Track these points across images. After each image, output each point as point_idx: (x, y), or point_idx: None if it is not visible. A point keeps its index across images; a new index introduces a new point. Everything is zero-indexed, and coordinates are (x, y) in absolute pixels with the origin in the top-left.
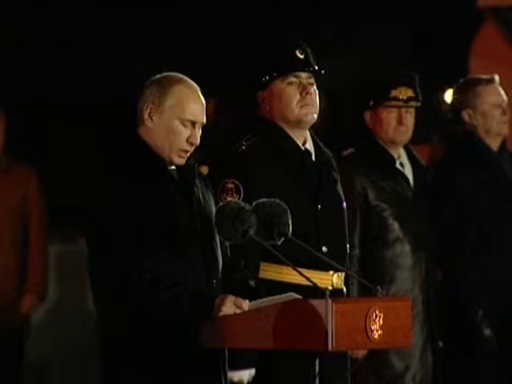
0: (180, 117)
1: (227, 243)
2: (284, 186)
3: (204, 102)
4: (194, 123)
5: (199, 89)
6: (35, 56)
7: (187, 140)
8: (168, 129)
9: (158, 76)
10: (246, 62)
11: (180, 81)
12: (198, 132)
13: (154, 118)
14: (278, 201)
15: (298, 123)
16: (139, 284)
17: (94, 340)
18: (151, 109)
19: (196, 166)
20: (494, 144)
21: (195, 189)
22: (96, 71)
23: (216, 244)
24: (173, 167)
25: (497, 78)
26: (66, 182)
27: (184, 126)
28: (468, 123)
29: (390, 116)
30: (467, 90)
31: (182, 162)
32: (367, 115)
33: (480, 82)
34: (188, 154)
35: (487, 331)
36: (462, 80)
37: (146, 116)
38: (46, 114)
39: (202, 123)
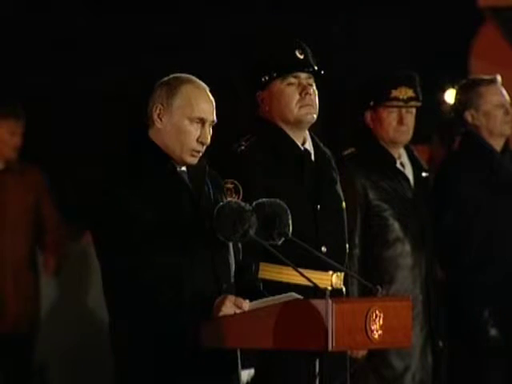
0: (189, 116)
1: (240, 245)
2: (283, 185)
3: (213, 101)
4: (203, 122)
5: (207, 88)
6: (35, 56)
7: (197, 140)
8: (178, 129)
9: (166, 77)
10: (245, 62)
11: (188, 80)
12: (209, 131)
13: (163, 119)
14: (277, 201)
15: (298, 123)
16: (141, 285)
17: (94, 339)
18: (160, 110)
19: (206, 166)
20: (497, 144)
21: (205, 189)
22: (96, 72)
23: (228, 245)
24: (183, 168)
25: (499, 78)
26: (67, 182)
27: (193, 125)
28: (471, 124)
29: (390, 116)
30: (470, 91)
31: (194, 161)
32: (368, 115)
33: (482, 82)
34: (200, 154)
35: (493, 331)
36: (464, 80)
37: (155, 117)
38: (46, 115)
39: (212, 121)
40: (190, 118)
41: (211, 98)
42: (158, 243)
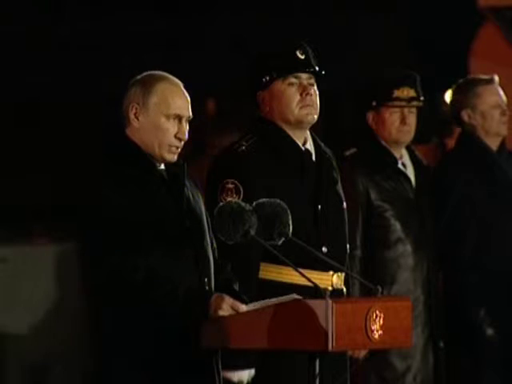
0: (166, 113)
1: (215, 245)
2: (284, 186)
3: (188, 96)
4: (180, 118)
5: (182, 84)
6: (36, 56)
7: (175, 136)
8: (155, 127)
9: (140, 76)
10: (246, 62)
11: (162, 78)
12: (186, 127)
13: (140, 118)
14: (278, 201)
15: (298, 124)
16: (132, 283)
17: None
18: (136, 109)
19: (185, 165)
20: (494, 144)
21: (185, 188)
22: (96, 72)
23: (207, 243)
24: (162, 167)
25: (496, 78)
26: (67, 182)
27: (170, 122)
28: (467, 123)
29: (393, 116)
30: (467, 90)
31: (173, 158)
32: (369, 115)
33: (480, 82)
34: (179, 150)
35: (489, 331)
36: (461, 80)
37: (131, 116)
38: (46, 114)
39: (189, 117)
40: (166, 115)
41: (186, 94)
42: (142, 242)
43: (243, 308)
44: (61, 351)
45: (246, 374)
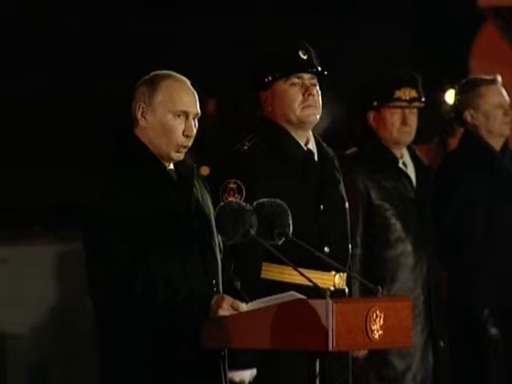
0: (172, 109)
1: (221, 245)
2: (286, 186)
3: (195, 93)
4: (187, 115)
5: (189, 81)
6: (35, 56)
7: (183, 133)
8: (163, 125)
9: (146, 76)
10: (248, 62)
11: (168, 76)
12: (194, 123)
13: (147, 117)
14: (278, 201)
15: (300, 124)
16: (133, 286)
17: (93, 339)
18: (143, 108)
19: (194, 165)
20: (496, 144)
21: (193, 189)
22: (96, 72)
23: (215, 244)
24: (171, 167)
25: (499, 78)
26: (67, 182)
27: (177, 119)
28: (470, 123)
29: (393, 117)
30: (469, 91)
31: (180, 157)
32: (370, 116)
33: (482, 82)
34: (186, 149)
35: (493, 330)
36: (464, 80)
37: (139, 116)
38: (47, 114)
39: (197, 114)
40: (173, 112)
41: (193, 90)
42: (149, 243)
43: (243, 307)
44: (61, 351)
45: (248, 374)
